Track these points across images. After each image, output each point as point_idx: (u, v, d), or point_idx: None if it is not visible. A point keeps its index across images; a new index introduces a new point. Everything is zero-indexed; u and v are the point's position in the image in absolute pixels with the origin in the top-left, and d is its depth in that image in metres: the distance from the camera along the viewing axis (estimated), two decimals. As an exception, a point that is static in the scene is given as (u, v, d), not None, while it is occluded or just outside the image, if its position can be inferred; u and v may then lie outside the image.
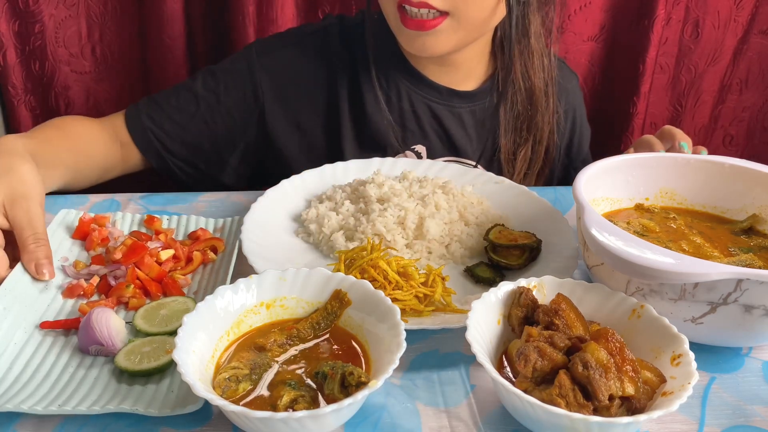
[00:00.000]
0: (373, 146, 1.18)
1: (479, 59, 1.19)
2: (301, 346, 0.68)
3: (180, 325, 0.62)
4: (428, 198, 0.94)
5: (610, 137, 1.64)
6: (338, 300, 0.71)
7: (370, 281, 0.73)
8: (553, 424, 0.59)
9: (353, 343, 0.69)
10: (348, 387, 0.60)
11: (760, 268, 0.77)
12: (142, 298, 0.79)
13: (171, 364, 0.68)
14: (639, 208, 0.93)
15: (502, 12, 1.07)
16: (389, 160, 1.09)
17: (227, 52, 1.44)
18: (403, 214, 0.91)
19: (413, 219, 0.91)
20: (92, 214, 0.92)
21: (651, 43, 1.51)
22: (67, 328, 0.74)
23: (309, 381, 0.64)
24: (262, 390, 0.62)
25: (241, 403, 0.60)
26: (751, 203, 0.90)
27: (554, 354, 0.63)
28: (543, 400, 0.59)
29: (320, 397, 0.62)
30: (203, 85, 1.16)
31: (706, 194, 0.93)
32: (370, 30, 1.14)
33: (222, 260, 0.87)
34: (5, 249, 0.80)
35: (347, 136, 1.18)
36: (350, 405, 0.57)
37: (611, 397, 0.59)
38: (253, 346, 0.67)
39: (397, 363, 0.60)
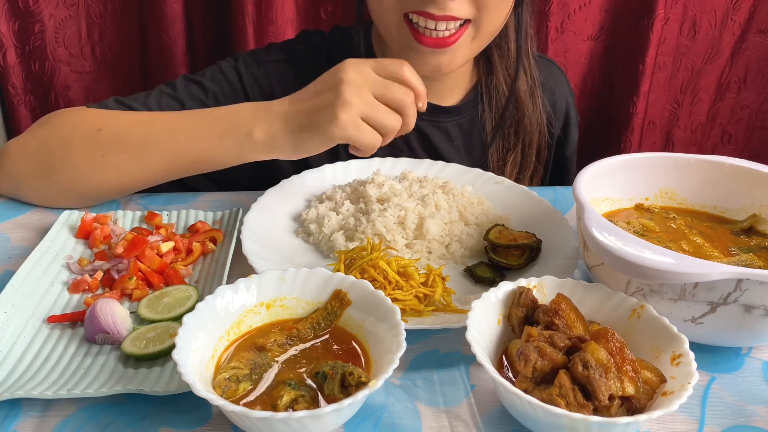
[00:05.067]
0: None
1: (465, 69, 1.18)
2: (301, 346, 0.68)
3: (183, 311, 0.62)
4: (428, 198, 0.94)
5: (610, 137, 1.64)
6: (338, 300, 0.71)
7: (370, 281, 0.73)
8: (553, 424, 0.59)
9: (353, 343, 0.69)
10: (348, 387, 0.60)
11: (760, 268, 0.77)
12: (145, 289, 0.81)
13: (174, 348, 0.68)
14: (639, 208, 0.93)
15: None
16: (389, 160, 1.09)
17: (227, 52, 1.44)
18: (403, 214, 0.91)
19: (413, 219, 0.91)
20: (93, 214, 0.93)
21: (651, 43, 1.51)
22: (73, 320, 0.75)
23: (309, 381, 0.64)
24: (262, 390, 0.62)
25: (241, 403, 0.60)
26: (751, 203, 0.90)
27: (554, 354, 0.63)
28: (543, 400, 0.59)
29: (320, 397, 0.62)
30: (187, 93, 1.07)
31: (706, 194, 0.93)
32: (361, 46, 1.12)
33: (221, 250, 0.88)
34: None
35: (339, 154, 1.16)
36: (350, 405, 0.57)
37: (611, 397, 0.59)
38: (253, 346, 0.67)
39: (397, 363, 0.60)
